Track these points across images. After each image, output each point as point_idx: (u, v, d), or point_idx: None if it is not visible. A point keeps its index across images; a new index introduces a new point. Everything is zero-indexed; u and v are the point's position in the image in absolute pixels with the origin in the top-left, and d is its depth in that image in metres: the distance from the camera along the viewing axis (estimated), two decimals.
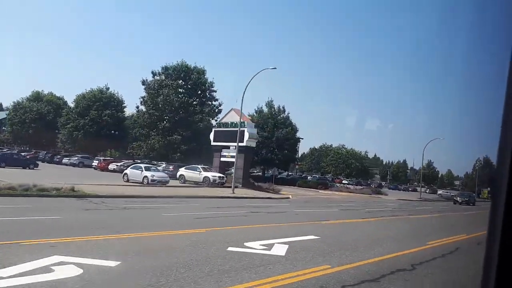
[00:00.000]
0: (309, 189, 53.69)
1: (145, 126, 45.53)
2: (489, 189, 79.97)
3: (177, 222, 12.18)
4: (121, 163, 43.86)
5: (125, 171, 31.05)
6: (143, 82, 46.46)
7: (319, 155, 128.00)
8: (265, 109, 61.17)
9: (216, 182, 32.17)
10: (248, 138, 35.07)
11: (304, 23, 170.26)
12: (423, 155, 56.70)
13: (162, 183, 28.77)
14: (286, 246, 8.72)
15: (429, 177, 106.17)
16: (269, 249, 8.31)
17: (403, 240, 11.77)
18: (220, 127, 37.56)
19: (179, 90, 46.46)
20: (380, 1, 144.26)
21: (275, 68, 28.62)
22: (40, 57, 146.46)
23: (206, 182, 32.40)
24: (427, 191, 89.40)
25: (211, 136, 38.11)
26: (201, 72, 46.95)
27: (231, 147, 36.19)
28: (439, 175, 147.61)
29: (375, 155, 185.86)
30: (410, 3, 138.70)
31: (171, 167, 39.79)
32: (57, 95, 72.33)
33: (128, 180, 29.78)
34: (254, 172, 67.10)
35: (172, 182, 33.25)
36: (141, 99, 46.42)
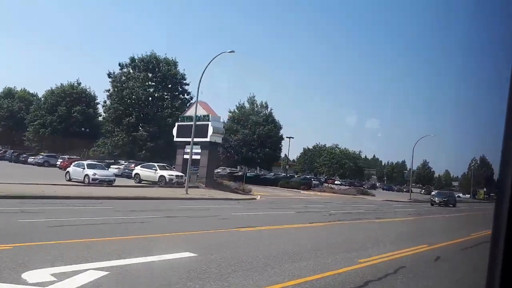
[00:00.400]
0: (291, 189, 50.29)
1: (109, 122, 42.16)
2: (485, 189, 76.49)
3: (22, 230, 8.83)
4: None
5: (67, 169, 27.72)
6: (109, 75, 43.14)
7: (312, 155, 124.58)
8: (247, 105, 57.84)
9: (173, 181, 28.74)
10: (212, 132, 31.63)
11: (303, 21, 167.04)
12: (413, 153, 53.26)
13: (106, 182, 25.39)
14: (96, 277, 5.33)
15: (425, 178, 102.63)
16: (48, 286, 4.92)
17: (328, 256, 8.38)
18: (184, 121, 34.16)
19: (148, 83, 43.15)
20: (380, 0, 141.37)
21: (233, 51, 25.22)
22: (16, 51, 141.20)
23: (162, 182, 29.02)
24: (422, 192, 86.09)
25: (174, 131, 34.71)
26: (172, 64, 43.58)
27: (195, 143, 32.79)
28: (437, 176, 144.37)
29: (374, 156, 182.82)
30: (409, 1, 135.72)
31: (133, 165, 36.40)
32: (31, 91, 69.02)
33: (70, 179, 26.52)
34: (236, 172, 63.75)
35: (128, 182, 30.01)
36: (107, 93, 43.05)
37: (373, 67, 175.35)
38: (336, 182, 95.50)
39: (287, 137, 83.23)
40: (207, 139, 31.61)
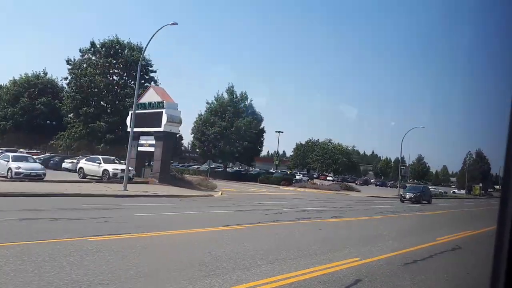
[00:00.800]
0: (270, 185, 46.91)
1: (67, 113, 38.75)
2: (481, 184, 73.06)
3: None
4: (39, 156, 37.15)
5: None
6: (68, 61, 39.57)
7: (305, 150, 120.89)
8: (226, 96, 54.24)
9: (117, 176, 25.29)
10: (166, 121, 28.14)
11: (302, 17, 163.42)
12: (401, 147, 49.87)
13: (33, 176, 22.01)
14: None
15: (419, 173, 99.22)
16: None
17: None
18: (138, 109, 30.67)
19: (111, 70, 39.66)
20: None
21: (176, 23, 21.72)
22: None
23: (105, 176, 25.63)
24: None
25: (128, 120, 31.25)
26: (137, 49, 40.04)
27: (149, 133, 29.39)
28: (434, 172, 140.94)
29: (373, 152, 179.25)
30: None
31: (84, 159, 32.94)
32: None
33: None
34: (217, 168, 60.27)
35: (75, 177, 26.65)
36: (65, 81, 39.53)
37: (372, 62, 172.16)
38: (328, 178, 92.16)
39: (276, 131, 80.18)
40: (161, 129, 28.16)
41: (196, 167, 67.46)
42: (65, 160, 34.28)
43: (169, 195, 21.90)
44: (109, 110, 37.74)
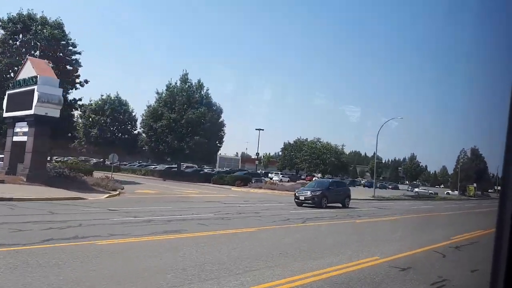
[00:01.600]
0: (223, 186, 40.25)
1: None
2: (475, 185, 65.80)
3: None
4: None
5: None
6: None
7: (292, 150, 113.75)
8: (179, 85, 47.46)
9: None
10: (37, 102, 21.47)
11: (301, 17, 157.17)
12: (377, 140, 43.04)
13: None
14: None
15: (412, 173, 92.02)
16: None
17: None
18: (13, 88, 24.16)
19: (21, 49, 33.22)
20: None
21: None
22: None
23: None
24: (409, 189, 75.54)
25: (4, 103, 24.72)
26: (56, 26, 33.56)
27: (22, 118, 22.80)
28: (434, 172, 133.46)
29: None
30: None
31: None
32: None
33: None
34: (174, 168, 53.63)
35: None
36: None
37: (372, 63, 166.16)
38: (314, 179, 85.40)
39: (256, 129, 73.74)
40: (32, 112, 21.56)
41: (153, 166, 61.01)
42: None
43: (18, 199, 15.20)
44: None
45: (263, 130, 74.36)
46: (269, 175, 72.96)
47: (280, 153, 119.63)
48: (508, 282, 1.44)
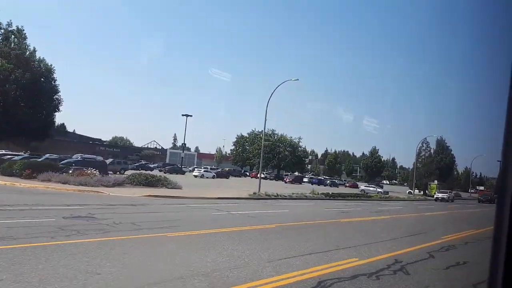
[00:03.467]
0: (11, 177, 25.37)
1: None
2: (436, 182, 55.55)
3: None
4: None
5: None
6: None
7: (244, 143, 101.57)
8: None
9: None
10: None
11: (300, 18, 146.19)
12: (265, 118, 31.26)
13: None
14: None
15: (373, 168, 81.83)
16: None
17: None
18: None
19: None
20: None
21: None
22: None
23: None
24: (365, 185, 65.31)
25: None
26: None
27: None
28: (400, 167, 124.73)
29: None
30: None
31: None
32: None
33: None
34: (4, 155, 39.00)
35: None
36: None
37: (368, 63, 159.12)
38: (262, 176, 73.88)
39: (183, 115, 61.58)
40: None
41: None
42: None
43: None
44: None
45: (191, 116, 62.31)
46: (195, 169, 60.95)
47: (233, 147, 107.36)
48: (508, 282, 1.44)
